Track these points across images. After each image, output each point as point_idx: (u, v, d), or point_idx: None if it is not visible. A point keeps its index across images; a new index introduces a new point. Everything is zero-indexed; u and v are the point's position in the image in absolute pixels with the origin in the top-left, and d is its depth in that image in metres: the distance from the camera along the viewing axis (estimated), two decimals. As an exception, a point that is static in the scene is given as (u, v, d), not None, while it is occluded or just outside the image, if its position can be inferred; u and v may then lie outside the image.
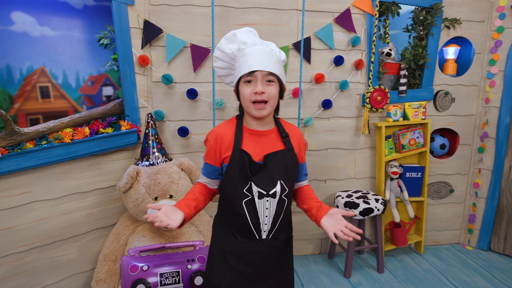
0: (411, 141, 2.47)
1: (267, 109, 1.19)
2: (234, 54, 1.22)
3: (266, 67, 1.15)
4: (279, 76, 1.19)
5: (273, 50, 1.23)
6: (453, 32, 2.48)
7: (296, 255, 2.61)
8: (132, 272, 1.69)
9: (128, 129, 2.04)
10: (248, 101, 1.18)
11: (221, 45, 1.23)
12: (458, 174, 2.71)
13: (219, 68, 1.29)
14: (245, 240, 1.25)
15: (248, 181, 1.19)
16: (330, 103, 2.38)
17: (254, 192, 1.20)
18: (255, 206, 1.21)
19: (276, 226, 1.25)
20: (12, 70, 1.92)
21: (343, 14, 2.29)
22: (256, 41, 1.21)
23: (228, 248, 1.27)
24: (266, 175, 1.20)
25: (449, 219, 2.78)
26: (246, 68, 1.16)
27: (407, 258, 2.60)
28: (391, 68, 2.46)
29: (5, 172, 1.64)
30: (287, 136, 1.27)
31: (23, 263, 1.79)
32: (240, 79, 1.19)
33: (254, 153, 1.21)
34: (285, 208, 1.27)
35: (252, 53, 1.17)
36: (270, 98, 1.17)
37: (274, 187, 1.21)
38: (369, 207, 2.23)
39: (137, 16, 2.04)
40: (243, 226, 1.23)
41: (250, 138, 1.24)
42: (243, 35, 1.20)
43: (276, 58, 1.21)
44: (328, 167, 2.52)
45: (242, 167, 1.18)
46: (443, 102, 2.57)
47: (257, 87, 1.15)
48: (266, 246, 1.25)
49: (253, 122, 1.25)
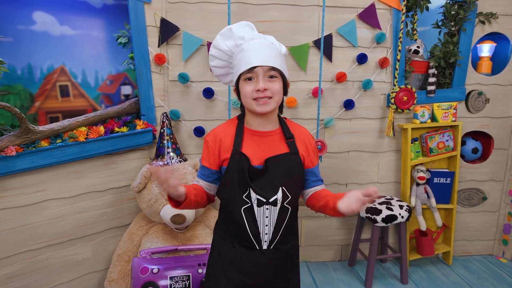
0: (440, 145, 2.32)
1: (271, 104, 1.09)
2: (231, 51, 1.13)
3: (267, 62, 1.07)
4: (282, 70, 1.11)
5: (273, 43, 1.14)
6: (489, 28, 2.31)
7: (315, 261, 2.52)
8: (142, 274, 1.66)
9: (143, 129, 2.02)
10: (249, 99, 1.09)
11: (217, 42, 1.14)
12: (492, 181, 2.53)
13: (217, 68, 1.21)
14: (244, 250, 1.16)
15: (247, 187, 1.10)
16: (353, 103, 2.27)
17: (252, 199, 1.11)
18: (254, 214, 1.12)
19: (278, 236, 1.16)
20: (33, 69, 1.95)
21: (367, 9, 2.18)
22: (254, 35, 1.12)
23: (225, 257, 1.19)
24: (266, 181, 1.11)
25: (481, 228, 2.60)
26: (245, 65, 1.07)
27: (434, 269, 2.45)
28: (419, 67, 2.32)
29: (20, 170, 1.65)
30: (292, 138, 1.17)
31: (37, 261, 1.80)
32: (240, 76, 1.10)
33: (254, 156, 1.12)
34: (289, 217, 1.17)
35: (250, 48, 1.08)
36: (274, 94, 1.09)
37: (274, 194, 1.12)
38: (393, 214, 2.10)
39: (153, 14, 2.02)
40: (242, 235, 1.15)
41: (252, 139, 1.15)
42: (240, 30, 1.11)
43: (277, 51, 1.12)
44: (350, 170, 2.41)
45: (241, 171, 1.10)
46: (476, 103, 2.40)
47: (259, 84, 1.06)
48: (267, 257, 1.16)
49: (255, 122, 1.16)
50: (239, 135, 1.14)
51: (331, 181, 2.40)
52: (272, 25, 2.15)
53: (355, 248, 2.41)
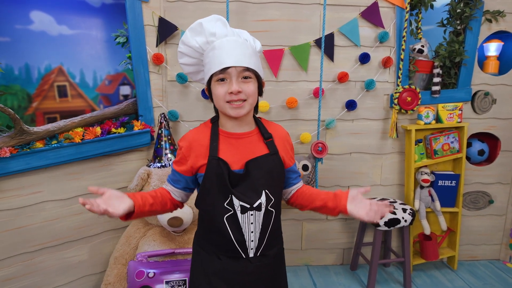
0: (445, 146, 2.26)
1: (246, 107, 1.03)
2: (202, 48, 1.05)
3: (241, 62, 1.00)
4: (257, 70, 1.04)
5: (247, 40, 1.07)
6: (496, 26, 2.25)
7: (316, 265, 2.48)
8: (137, 278, 1.63)
9: (141, 130, 1.99)
10: (222, 101, 1.03)
11: (186, 38, 1.06)
12: (499, 183, 2.46)
13: (186, 65, 1.13)
14: (229, 260, 1.10)
15: (228, 194, 1.04)
16: (355, 104, 2.22)
17: (236, 206, 1.04)
18: (238, 221, 1.06)
19: (264, 242, 1.11)
20: (30, 69, 1.93)
21: (370, 7, 2.13)
22: (227, 31, 1.04)
23: (211, 269, 1.13)
24: (248, 186, 1.05)
25: (488, 232, 2.53)
26: (217, 65, 1.00)
27: (438, 273, 2.39)
28: (423, 66, 2.27)
29: (14, 172, 1.63)
30: (270, 137, 1.11)
31: (33, 263, 1.78)
32: (212, 77, 1.03)
33: (233, 160, 1.05)
34: (273, 220, 1.11)
35: (223, 46, 1.01)
36: (248, 96, 1.02)
37: (258, 199, 1.06)
38: (395, 218, 2.05)
39: (151, 13, 1.99)
40: (227, 245, 1.08)
41: (228, 142, 1.08)
42: (211, 25, 1.03)
43: (251, 50, 1.05)
44: (352, 172, 2.36)
45: (220, 177, 1.03)
46: (482, 104, 2.34)
47: (232, 86, 1.00)
48: (255, 265, 1.10)
49: (229, 124, 1.09)
50: (215, 139, 1.08)
51: (332, 184, 2.35)
52: (272, 24, 2.11)
53: (357, 252, 2.36)
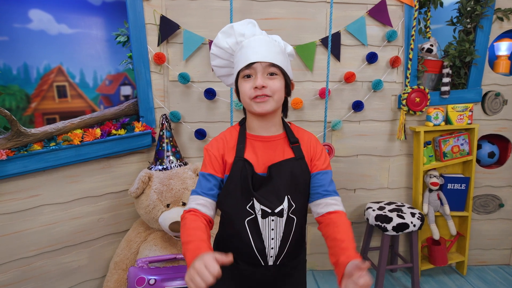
0: (454, 149, 2.20)
1: (270, 102, 1.01)
2: (232, 48, 1.07)
3: (266, 58, 0.99)
4: (283, 68, 1.02)
5: (276, 40, 1.07)
6: (507, 25, 2.18)
7: (321, 269, 2.42)
8: (138, 285, 1.58)
9: (142, 131, 1.94)
10: (248, 98, 1.02)
11: (218, 40, 1.08)
12: (510, 187, 2.39)
13: (218, 67, 1.14)
14: (247, 266, 1.07)
15: (250, 196, 1.02)
16: (362, 104, 2.16)
17: (257, 210, 1.02)
18: (259, 226, 1.03)
19: (285, 251, 1.07)
20: (29, 69, 1.89)
21: (378, 6, 2.07)
22: (256, 31, 1.05)
23: (227, 275, 1.06)
24: (271, 190, 1.02)
25: (498, 237, 2.46)
26: (243, 61, 1.01)
27: (446, 279, 2.32)
28: (432, 66, 2.20)
29: (11, 175, 1.58)
30: (296, 142, 1.09)
31: (32, 269, 1.73)
32: (239, 74, 1.04)
33: (258, 163, 1.04)
34: (295, 228, 1.07)
35: (250, 44, 1.02)
36: (274, 93, 1.01)
37: (280, 204, 1.03)
38: (404, 222, 1.98)
39: (153, 11, 1.94)
40: (246, 250, 1.05)
41: (254, 145, 1.07)
42: (241, 27, 1.05)
43: (279, 48, 1.04)
44: (358, 175, 2.30)
45: (244, 179, 1.02)
46: (493, 105, 2.27)
47: (257, 81, 0.99)
48: (273, 274, 1.07)
49: (256, 126, 1.08)
50: (242, 141, 1.07)
51: (339, 186, 2.29)
52: (276, 22, 2.05)
53: (363, 256, 2.30)
